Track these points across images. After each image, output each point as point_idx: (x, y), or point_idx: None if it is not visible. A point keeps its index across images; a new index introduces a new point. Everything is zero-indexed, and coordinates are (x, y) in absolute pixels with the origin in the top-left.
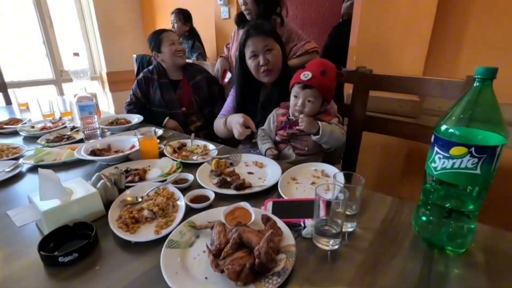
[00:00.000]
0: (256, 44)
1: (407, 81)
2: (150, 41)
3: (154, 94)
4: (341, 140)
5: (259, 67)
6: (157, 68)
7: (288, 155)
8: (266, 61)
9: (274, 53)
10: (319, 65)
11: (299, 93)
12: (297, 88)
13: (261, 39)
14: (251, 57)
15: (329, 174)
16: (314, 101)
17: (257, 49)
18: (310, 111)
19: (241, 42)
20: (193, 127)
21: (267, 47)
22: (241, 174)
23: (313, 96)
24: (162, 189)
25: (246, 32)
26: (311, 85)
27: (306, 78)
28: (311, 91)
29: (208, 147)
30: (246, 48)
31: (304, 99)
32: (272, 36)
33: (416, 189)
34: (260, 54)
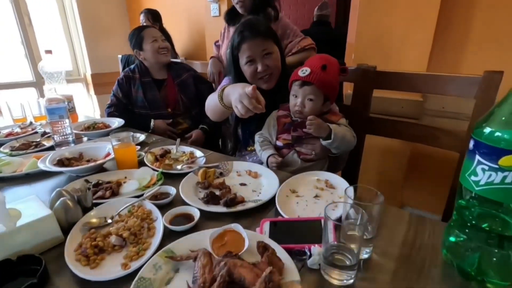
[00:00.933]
0: (253, 48)
1: (418, 79)
2: (131, 39)
3: (137, 94)
4: (352, 144)
5: (256, 73)
6: (139, 66)
7: (292, 161)
8: (265, 67)
9: (273, 57)
10: (319, 59)
11: (298, 91)
12: (296, 86)
13: (259, 42)
14: (247, 62)
15: (334, 184)
16: (315, 99)
17: (254, 54)
18: (310, 110)
19: (235, 45)
20: (180, 129)
21: (266, 51)
22: (232, 186)
23: (313, 94)
24: (137, 207)
25: (239, 34)
26: (310, 81)
27: (304, 74)
28: (311, 88)
29: (195, 154)
30: (241, 53)
31: (304, 98)
32: (270, 37)
33: (419, 194)
34: (258, 59)
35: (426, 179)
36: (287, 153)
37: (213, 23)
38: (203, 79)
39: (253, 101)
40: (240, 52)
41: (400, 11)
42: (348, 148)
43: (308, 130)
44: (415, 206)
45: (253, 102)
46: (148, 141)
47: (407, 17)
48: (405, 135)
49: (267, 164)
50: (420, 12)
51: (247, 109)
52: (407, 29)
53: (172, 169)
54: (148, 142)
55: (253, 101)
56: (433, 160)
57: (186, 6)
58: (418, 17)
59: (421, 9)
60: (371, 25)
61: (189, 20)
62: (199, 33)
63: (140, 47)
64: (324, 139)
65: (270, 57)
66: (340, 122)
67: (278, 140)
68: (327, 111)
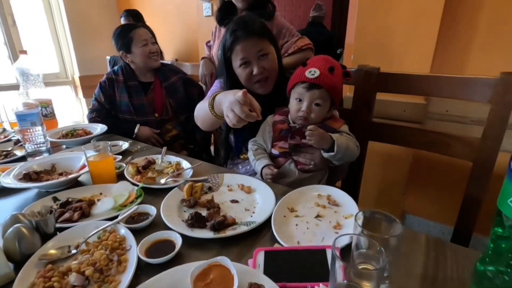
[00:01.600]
0: (248, 49)
1: (426, 81)
2: (117, 39)
3: (121, 98)
4: (355, 155)
5: (252, 76)
6: (124, 68)
7: (289, 171)
8: (262, 70)
9: (270, 58)
10: (325, 61)
11: (304, 94)
12: (301, 88)
13: (253, 43)
14: (241, 65)
15: (337, 201)
16: (323, 104)
17: (249, 56)
18: (317, 116)
19: (227, 46)
20: (168, 137)
21: (261, 52)
22: (222, 204)
23: (322, 98)
24: (109, 232)
25: (232, 33)
26: (320, 84)
27: (314, 75)
28: (320, 91)
29: (182, 165)
30: (234, 54)
31: (311, 102)
32: (266, 37)
33: (421, 202)
34: (253, 61)
35: (429, 187)
36: (284, 162)
37: (205, 23)
38: (193, 82)
39: (245, 108)
40: (233, 54)
41: (402, 10)
42: (351, 159)
43: (308, 142)
44: (417, 213)
45: (245, 110)
46: (132, 150)
47: (409, 16)
48: (412, 142)
49: (261, 176)
50: (424, 10)
51: (239, 118)
52: (409, 28)
53: (155, 184)
54: (132, 151)
55: (245, 108)
56: (436, 167)
57: (177, 6)
58: (421, 15)
59: (424, 7)
60: (372, 25)
61: (181, 20)
62: (191, 33)
63: (127, 49)
64: (326, 151)
65: (267, 58)
66: (342, 130)
67: (274, 148)
68: (329, 117)
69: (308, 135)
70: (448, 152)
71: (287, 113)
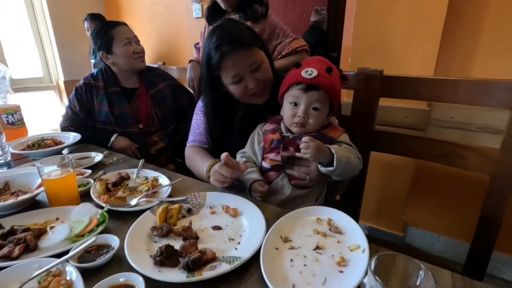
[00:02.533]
0: (239, 64)
1: (439, 85)
2: (95, 38)
3: (100, 107)
4: (358, 168)
5: (247, 90)
6: (104, 72)
7: (282, 187)
8: (257, 82)
9: (263, 68)
10: (321, 61)
11: (300, 97)
12: (297, 90)
13: (244, 56)
14: (234, 82)
15: (340, 226)
16: (321, 109)
17: (242, 71)
18: (315, 123)
19: (214, 64)
20: (154, 150)
21: (254, 65)
22: (202, 232)
23: (320, 102)
24: (53, 275)
25: (217, 48)
26: (318, 85)
27: (311, 75)
28: (318, 93)
29: (160, 181)
30: (224, 72)
31: (308, 106)
32: (255, 44)
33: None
34: (247, 75)
35: (433, 198)
36: (275, 177)
37: (195, 25)
38: (183, 89)
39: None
40: (222, 71)
41: (402, 11)
42: (353, 174)
43: (303, 155)
44: (419, 226)
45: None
46: (106, 162)
47: (411, 17)
48: (421, 154)
49: (249, 192)
50: (426, 10)
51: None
52: (411, 29)
53: (124, 205)
54: (106, 164)
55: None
56: (440, 177)
57: (166, 7)
58: (424, 16)
59: (427, 7)
60: (370, 26)
61: (170, 22)
62: (180, 36)
63: (108, 50)
64: (324, 166)
65: (260, 69)
66: (342, 139)
67: (265, 161)
68: (327, 125)
69: (303, 147)
70: (462, 165)
71: (279, 121)
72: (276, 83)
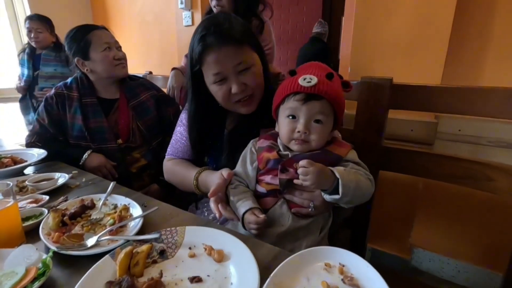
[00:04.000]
0: (223, 61)
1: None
2: (70, 43)
3: (73, 120)
4: (369, 193)
5: (231, 95)
6: (79, 81)
7: (280, 217)
8: (242, 87)
9: (252, 72)
10: (319, 67)
11: (299, 109)
12: (295, 102)
13: (230, 53)
14: (215, 81)
15: (355, 274)
16: (325, 122)
17: (225, 70)
18: (320, 138)
19: (195, 57)
20: (135, 168)
21: (241, 66)
22: (176, 285)
23: (323, 113)
24: None
25: (201, 39)
26: (319, 95)
27: (310, 83)
28: (320, 104)
29: (130, 211)
30: (206, 68)
31: (309, 119)
32: (247, 42)
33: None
34: (231, 76)
35: (442, 218)
36: (273, 204)
37: (185, 33)
38: (169, 100)
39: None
40: (203, 67)
41: (405, 17)
42: (363, 199)
43: (303, 183)
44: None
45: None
46: (72, 185)
47: (415, 24)
48: (441, 175)
49: (243, 224)
50: (432, 16)
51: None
52: (415, 36)
53: (77, 247)
54: (72, 187)
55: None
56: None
57: (155, 15)
58: (429, 23)
59: (432, 13)
60: (371, 34)
61: (159, 31)
62: (170, 45)
63: (84, 55)
64: (328, 193)
65: (248, 72)
66: (349, 158)
67: (259, 184)
68: (332, 141)
69: (301, 173)
70: (489, 188)
71: (275, 137)
72: (268, 92)
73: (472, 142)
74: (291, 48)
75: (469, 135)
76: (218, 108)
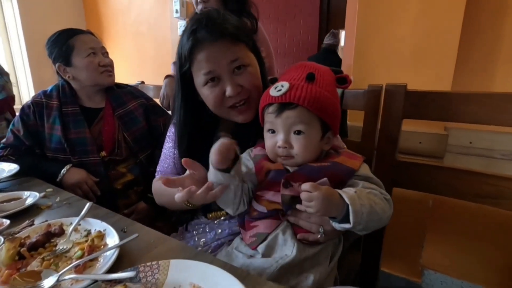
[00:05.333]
0: (216, 58)
1: (496, 102)
2: (51, 47)
3: (51, 130)
4: (387, 216)
5: (224, 99)
6: (60, 89)
7: (282, 245)
8: (238, 89)
9: (249, 72)
10: (301, 68)
11: (275, 122)
12: (269, 115)
13: (225, 49)
14: (207, 82)
15: None
16: (308, 131)
17: (219, 69)
18: (305, 151)
19: (184, 54)
20: (120, 184)
21: (237, 63)
22: None
23: (302, 122)
24: None
25: (191, 34)
26: (292, 102)
27: (280, 91)
28: (296, 112)
29: (106, 240)
30: (196, 67)
31: (287, 132)
32: (242, 40)
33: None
34: (225, 76)
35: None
36: (274, 228)
37: None
38: (159, 110)
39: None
40: (193, 66)
41: (411, 22)
42: (381, 225)
43: (307, 209)
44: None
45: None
46: (42, 206)
47: (421, 29)
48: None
49: None
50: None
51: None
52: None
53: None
54: (42, 208)
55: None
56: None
57: (149, 25)
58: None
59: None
60: (374, 42)
61: (154, 41)
62: (165, 54)
63: (66, 61)
64: (338, 221)
65: (245, 72)
66: (362, 173)
67: (259, 202)
68: (335, 152)
69: (305, 199)
70: None
71: None
72: None
73: (485, 155)
74: (288, 61)
75: (481, 147)
76: (210, 117)
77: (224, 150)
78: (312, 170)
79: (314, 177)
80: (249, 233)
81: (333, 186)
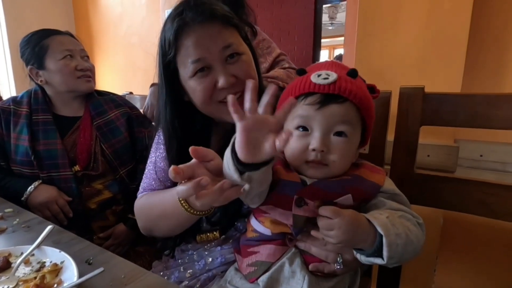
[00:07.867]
0: (206, 44)
1: None
2: (24, 48)
3: (17, 141)
4: (421, 244)
5: (215, 92)
6: (32, 95)
7: (289, 278)
8: (232, 80)
9: (243, 60)
10: (336, 64)
11: (313, 117)
12: (306, 107)
13: (215, 32)
14: (195, 73)
15: None
16: (351, 135)
17: (209, 56)
18: (343, 159)
19: (169, 40)
20: (95, 203)
21: (230, 50)
22: None
23: (348, 122)
24: None
25: (177, 16)
26: (341, 95)
27: (327, 80)
28: (343, 108)
29: (62, 276)
30: (183, 54)
31: (327, 130)
32: (235, 25)
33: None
34: (217, 65)
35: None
36: (280, 255)
37: None
38: (143, 120)
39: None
40: (180, 54)
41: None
42: (414, 257)
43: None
44: None
45: None
46: None
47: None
48: (498, 212)
49: None
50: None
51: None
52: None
53: None
54: None
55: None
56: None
57: (141, 37)
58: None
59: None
60: (376, 48)
61: (145, 51)
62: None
63: (39, 64)
64: (366, 255)
65: (239, 60)
66: (388, 189)
67: (261, 221)
68: (360, 164)
69: (324, 228)
70: None
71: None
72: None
73: (496, 169)
74: None
75: (493, 161)
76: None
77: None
78: (331, 185)
79: (334, 193)
80: (247, 260)
81: (356, 205)
